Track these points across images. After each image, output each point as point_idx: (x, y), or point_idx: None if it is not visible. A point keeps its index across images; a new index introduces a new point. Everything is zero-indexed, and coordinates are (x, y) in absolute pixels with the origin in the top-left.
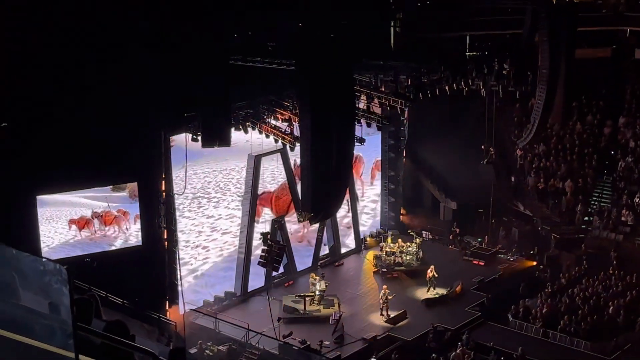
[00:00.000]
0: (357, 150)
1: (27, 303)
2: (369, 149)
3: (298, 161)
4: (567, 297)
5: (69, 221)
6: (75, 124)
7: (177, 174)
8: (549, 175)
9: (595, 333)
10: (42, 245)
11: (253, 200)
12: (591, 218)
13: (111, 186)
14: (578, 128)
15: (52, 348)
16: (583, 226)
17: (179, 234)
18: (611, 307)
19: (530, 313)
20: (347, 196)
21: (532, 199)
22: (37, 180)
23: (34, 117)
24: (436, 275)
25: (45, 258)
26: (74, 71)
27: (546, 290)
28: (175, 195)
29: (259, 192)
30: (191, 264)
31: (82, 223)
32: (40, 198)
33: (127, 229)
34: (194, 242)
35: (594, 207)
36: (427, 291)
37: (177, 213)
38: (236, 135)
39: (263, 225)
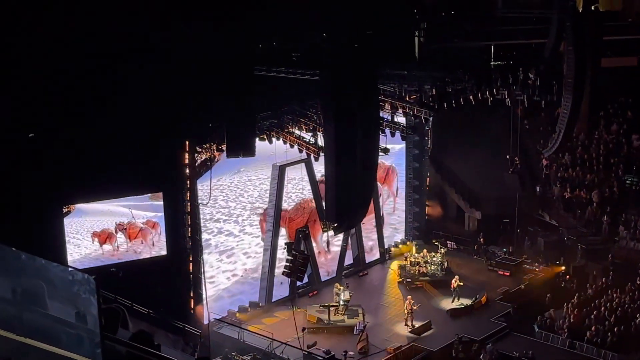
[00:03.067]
0: (390, 162)
1: (55, 312)
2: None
3: (322, 171)
4: (593, 307)
5: (92, 234)
6: (100, 135)
7: (214, 185)
8: (575, 185)
9: (622, 344)
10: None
11: (277, 210)
12: (618, 228)
13: (149, 194)
14: (604, 137)
15: (79, 357)
16: (611, 237)
17: (205, 244)
18: (638, 319)
19: (556, 324)
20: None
21: (558, 209)
22: (63, 191)
23: (61, 127)
24: (461, 284)
25: (72, 267)
26: (99, 80)
27: (572, 300)
28: (201, 206)
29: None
30: (216, 274)
31: (103, 237)
32: (79, 207)
33: (153, 242)
34: (220, 251)
35: (621, 216)
36: (452, 301)
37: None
38: (261, 145)
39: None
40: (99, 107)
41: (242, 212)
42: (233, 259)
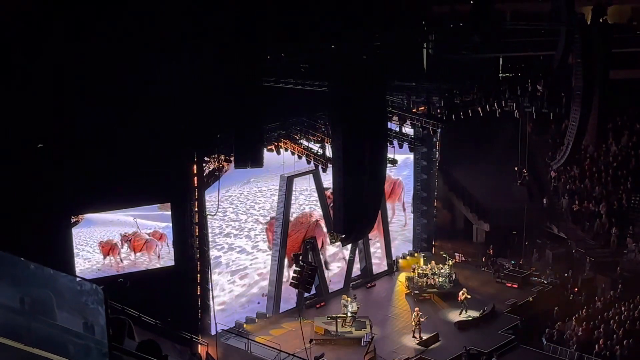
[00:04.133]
0: (396, 175)
1: (63, 323)
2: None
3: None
4: (602, 320)
5: (98, 244)
6: (108, 145)
7: (223, 196)
8: (584, 198)
9: (631, 357)
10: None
11: (285, 221)
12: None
13: (158, 205)
14: (613, 150)
15: None
16: (620, 250)
17: (212, 255)
18: None
19: (565, 337)
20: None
21: (566, 221)
22: (70, 201)
23: (68, 137)
24: (469, 297)
25: (80, 277)
26: (108, 92)
27: (581, 313)
28: (209, 217)
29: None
30: (228, 300)
31: (107, 248)
32: (87, 217)
33: (159, 255)
34: (228, 261)
35: (630, 229)
36: (460, 314)
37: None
38: (272, 155)
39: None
40: (107, 117)
41: (254, 225)
42: (247, 281)
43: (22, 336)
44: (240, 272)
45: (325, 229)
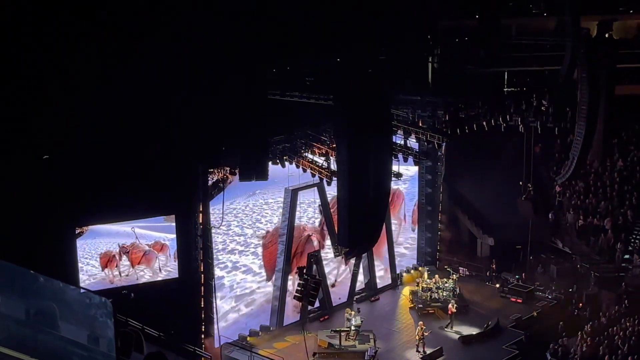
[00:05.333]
0: (401, 186)
1: (69, 335)
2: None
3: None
4: (607, 336)
5: (99, 255)
6: (113, 157)
7: (227, 208)
8: (589, 213)
9: None
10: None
11: (289, 234)
12: (631, 256)
13: (164, 217)
14: (619, 165)
15: None
16: (623, 264)
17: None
18: None
19: (569, 352)
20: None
21: (571, 236)
22: (75, 212)
23: (74, 149)
24: (454, 312)
25: (84, 289)
26: (112, 103)
27: (585, 329)
28: (213, 229)
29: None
30: (227, 314)
31: (104, 260)
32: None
33: (160, 268)
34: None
35: (634, 245)
36: (446, 326)
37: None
38: (278, 167)
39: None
40: (113, 129)
41: (260, 241)
42: (253, 309)
43: (28, 348)
44: (246, 297)
45: (315, 243)
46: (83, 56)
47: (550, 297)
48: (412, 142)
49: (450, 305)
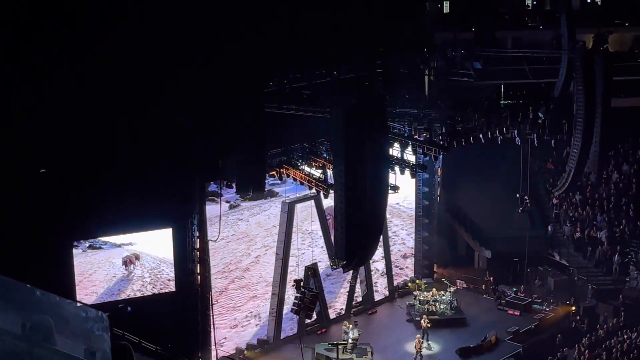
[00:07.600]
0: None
1: (65, 349)
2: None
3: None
4: (605, 349)
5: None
6: (109, 171)
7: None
8: (586, 225)
9: None
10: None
11: (286, 246)
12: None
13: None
14: (615, 177)
15: None
16: (622, 277)
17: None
18: None
19: None
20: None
21: (568, 249)
22: (73, 226)
23: (69, 163)
24: (429, 325)
25: (80, 302)
26: (109, 118)
27: (583, 341)
28: (210, 242)
29: None
30: (224, 310)
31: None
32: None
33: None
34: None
35: (631, 257)
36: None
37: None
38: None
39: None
40: (110, 143)
41: (259, 256)
42: (251, 322)
43: None
44: (243, 310)
45: None
46: (83, 68)
47: (547, 309)
48: (409, 155)
49: (422, 321)
